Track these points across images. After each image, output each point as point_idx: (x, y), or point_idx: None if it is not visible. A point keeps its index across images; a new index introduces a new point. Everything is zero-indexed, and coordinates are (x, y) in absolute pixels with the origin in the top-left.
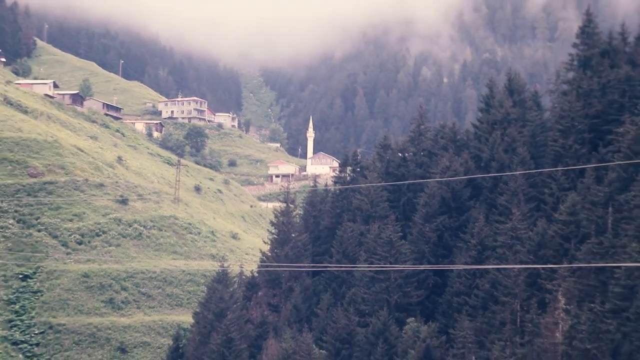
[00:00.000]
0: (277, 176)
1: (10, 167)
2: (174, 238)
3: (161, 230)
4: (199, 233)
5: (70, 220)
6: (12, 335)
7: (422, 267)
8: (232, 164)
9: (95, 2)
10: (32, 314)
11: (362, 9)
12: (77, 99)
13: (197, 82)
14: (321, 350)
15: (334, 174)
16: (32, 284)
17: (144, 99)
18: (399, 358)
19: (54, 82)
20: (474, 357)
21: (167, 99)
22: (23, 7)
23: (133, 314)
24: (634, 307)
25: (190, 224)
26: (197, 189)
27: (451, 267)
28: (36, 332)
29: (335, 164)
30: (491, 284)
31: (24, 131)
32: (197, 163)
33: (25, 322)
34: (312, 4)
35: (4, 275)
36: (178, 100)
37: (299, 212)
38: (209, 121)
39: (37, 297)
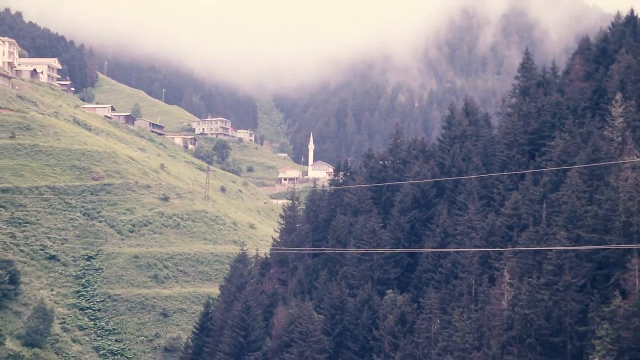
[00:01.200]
0: (285, 179)
1: (77, 172)
2: (204, 227)
3: (194, 222)
4: (224, 223)
5: (124, 214)
6: (79, 302)
7: (398, 250)
8: (249, 169)
9: (143, 43)
10: (95, 287)
11: (351, 48)
12: (130, 119)
13: (222, 106)
14: (319, 315)
15: (330, 178)
16: (94, 263)
17: (181, 119)
18: (380, 321)
19: (111, 106)
20: (438, 320)
21: (199, 119)
22: (88, 48)
23: (172, 287)
24: (562, 281)
25: (217, 216)
26: (223, 189)
27: (421, 250)
28: (98, 300)
29: (331, 169)
30: (452, 263)
31: (89, 144)
32: (222, 169)
33: (90, 292)
34: (313, 44)
35: (73, 256)
36: (208, 120)
37: (302, 207)
38: (231, 136)
39: (98, 273)
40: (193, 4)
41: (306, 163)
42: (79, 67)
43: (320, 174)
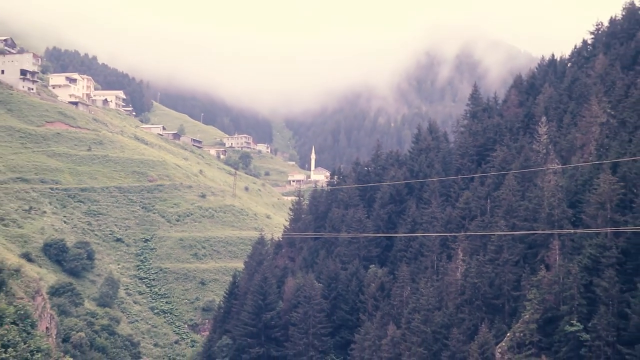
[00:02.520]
0: (293, 181)
1: (137, 176)
2: (232, 217)
3: (224, 213)
4: (247, 215)
5: (172, 207)
6: (139, 274)
7: (378, 235)
8: (266, 174)
9: (186, 78)
10: (150, 262)
11: (344, 82)
12: (176, 136)
13: (246, 126)
14: (319, 284)
15: (327, 180)
16: (150, 244)
17: (215, 136)
18: (365, 288)
19: (162, 126)
20: (409, 288)
21: (228, 136)
22: (145, 82)
23: (208, 262)
24: (502, 258)
25: (241, 209)
26: (246, 189)
27: (395, 234)
28: (152, 272)
29: (328, 174)
30: (419, 244)
31: (145, 155)
32: (246, 173)
33: (146, 266)
34: (315, 79)
35: (134, 239)
36: (235, 137)
37: (306, 202)
38: (253, 149)
39: (153, 252)
40: (224, 50)
41: (309, 169)
42: (139, 97)
43: (320, 177)
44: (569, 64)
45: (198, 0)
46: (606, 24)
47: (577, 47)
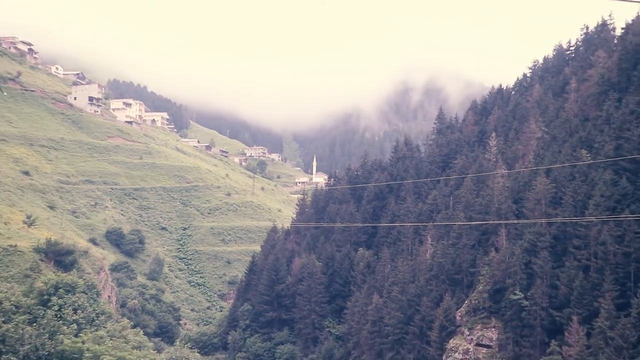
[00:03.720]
0: (299, 183)
1: (177, 178)
2: (252, 211)
3: (245, 208)
4: (263, 209)
5: (204, 203)
6: (179, 255)
7: (365, 225)
8: (278, 177)
9: (216, 102)
10: (188, 245)
11: (339, 105)
12: (208, 148)
13: (262, 140)
14: (319, 263)
15: (326, 182)
16: (187, 231)
17: (238, 148)
18: (355, 266)
19: (197, 140)
20: (389, 266)
21: (248, 147)
22: (185, 105)
23: (233, 246)
24: (461, 242)
25: (259, 205)
26: (262, 189)
27: (379, 224)
28: (189, 253)
29: (326, 177)
30: (397, 232)
31: (184, 162)
32: (262, 177)
33: (185, 249)
34: (316, 102)
35: (175, 228)
36: (254, 148)
37: (309, 199)
38: (267, 157)
39: (190, 238)
40: (244, 79)
41: (311, 173)
42: (179, 117)
43: (320, 179)
44: (512, 92)
45: (225, 41)
46: (541, 61)
47: (519, 79)
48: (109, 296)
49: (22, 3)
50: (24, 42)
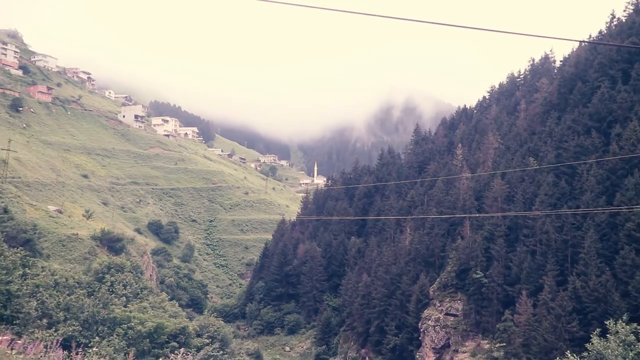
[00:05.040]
0: (303, 184)
1: (205, 180)
2: (265, 207)
3: (260, 204)
4: (274, 205)
5: (227, 200)
6: (206, 242)
7: (357, 218)
8: (286, 179)
9: (235, 117)
10: (213, 234)
11: (335, 120)
12: (230, 156)
13: (273, 149)
14: (319, 248)
15: (325, 183)
16: (213, 223)
17: (254, 156)
18: (348, 251)
19: (221, 149)
20: (375, 251)
21: (262, 155)
22: (211, 121)
23: (250, 235)
24: (434, 232)
25: (271, 202)
26: (273, 189)
27: (367, 217)
28: (215, 241)
29: (325, 179)
30: (383, 223)
31: (210, 167)
32: (274, 179)
33: (211, 237)
34: (317, 118)
35: (203, 220)
36: (266, 156)
37: (311, 197)
38: (277, 163)
39: (215, 228)
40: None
41: (313, 176)
42: (206, 131)
43: (320, 181)
44: (474, 111)
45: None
46: (497, 86)
47: (480, 100)
48: (150, 275)
49: (84, 42)
50: (84, 72)
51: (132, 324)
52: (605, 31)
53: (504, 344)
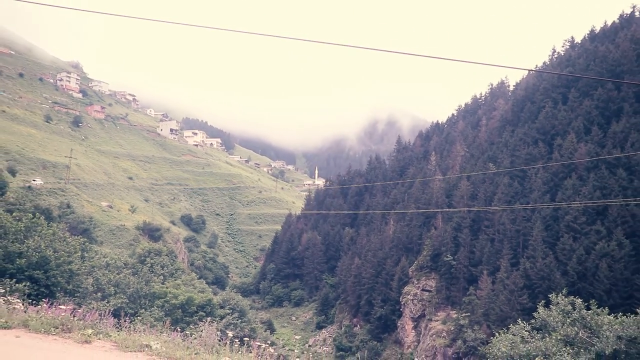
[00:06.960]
0: (306, 184)
1: (226, 182)
2: (275, 203)
3: (271, 201)
4: (282, 202)
5: (244, 198)
6: (228, 231)
7: (350, 212)
8: (292, 180)
9: (251, 130)
10: (234, 225)
11: (332, 131)
12: (247, 162)
13: (282, 156)
14: (319, 237)
15: (324, 184)
16: (233, 216)
17: (267, 162)
18: (343, 239)
19: (240, 156)
20: (365, 239)
21: (273, 161)
22: (231, 133)
23: (263, 225)
24: (413, 224)
25: (280, 199)
26: (282, 188)
27: (359, 212)
28: (235, 230)
29: (324, 180)
30: (370, 217)
31: (231, 171)
32: (282, 180)
33: (232, 227)
34: (317, 130)
35: (225, 214)
36: (276, 162)
37: (313, 196)
38: (285, 168)
39: (235, 220)
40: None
41: (314, 178)
42: (227, 141)
43: (320, 182)
44: (445, 125)
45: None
46: (463, 105)
47: (450, 116)
48: (182, 258)
49: (128, 74)
50: (130, 94)
51: (168, 297)
52: (548, 62)
53: (469, 313)
